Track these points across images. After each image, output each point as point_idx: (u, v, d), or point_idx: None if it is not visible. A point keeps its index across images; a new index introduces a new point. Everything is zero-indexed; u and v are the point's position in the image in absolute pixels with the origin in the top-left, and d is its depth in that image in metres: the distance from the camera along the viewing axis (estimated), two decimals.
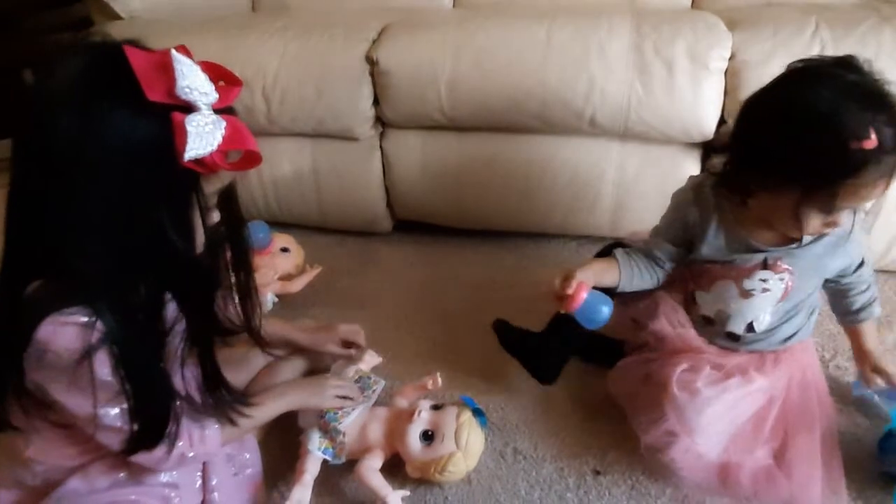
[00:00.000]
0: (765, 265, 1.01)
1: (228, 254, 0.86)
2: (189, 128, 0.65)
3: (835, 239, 0.99)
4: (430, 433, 1.02)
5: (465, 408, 1.06)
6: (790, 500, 0.96)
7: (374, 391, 1.11)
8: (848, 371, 1.22)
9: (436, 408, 1.06)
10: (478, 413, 1.06)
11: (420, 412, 1.04)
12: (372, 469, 1.02)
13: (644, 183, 1.52)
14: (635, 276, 1.08)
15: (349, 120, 1.58)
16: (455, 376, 1.25)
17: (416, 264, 1.67)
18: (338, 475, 1.06)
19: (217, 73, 0.69)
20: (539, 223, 1.66)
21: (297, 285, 1.50)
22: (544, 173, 1.56)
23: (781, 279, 1.01)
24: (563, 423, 1.15)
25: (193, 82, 0.65)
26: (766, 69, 1.32)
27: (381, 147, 1.65)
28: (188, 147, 0.64)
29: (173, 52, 0.64)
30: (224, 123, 0.68)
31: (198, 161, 0.66)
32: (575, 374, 1.23)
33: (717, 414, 1.00)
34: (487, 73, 1.45)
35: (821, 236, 0.98)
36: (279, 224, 1.72)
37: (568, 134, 1.51)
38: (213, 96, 0.67)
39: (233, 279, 0.88)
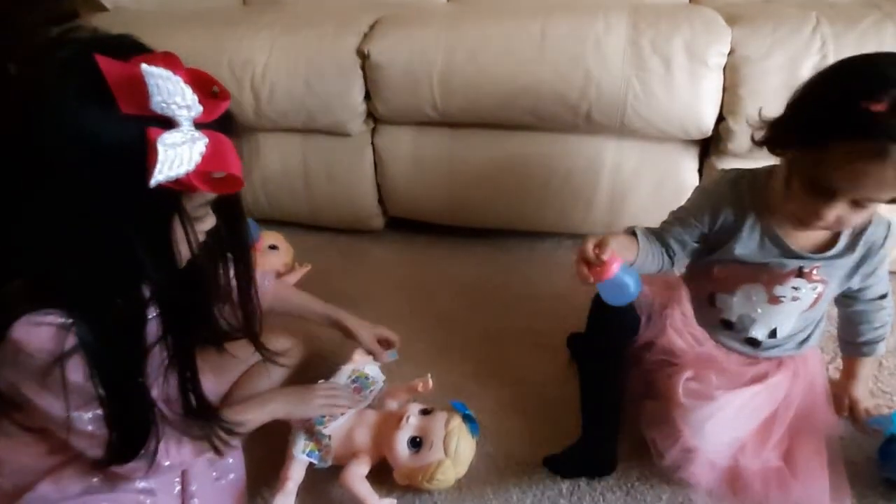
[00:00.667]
0: (800, 273, 0.96)
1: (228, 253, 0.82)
2: (160, 146, 0.59)
3: (865, 250, 0.95)
4: (418, 440, 0.99)
5: (454, 414, 1.03)
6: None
7: (371, 391, 1.09)
8: None
9: (425, 412, 1.04)
10: (469, 419, 1.02)
11: (408, 417, 1.01)
12: (358, 476, 0.98)
13: (641, 181, 1.49)
14: (647, 260, 0.99)
15: (340, 115, 1.54)
16: (447, 378, 1.22)
17: (408, 263, 1.64)
18: (324, 479, 1.03)
19: (207, 83, 0.64)
20: (533, 222, 1.63)
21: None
22: (538, 171, 1.53)
23: (814, 289, 0.97)
24: (557, 428, 1.11)
25: (170, 97, 0.59)
26: (765, 65, 1.30)
27: (372, 143, 1.61)
28: (156, 169, 0.59)
29: (143, 66, 0.58)
30: (205, 141, 0.62)
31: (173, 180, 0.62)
32: (570, 377, 1.20)
33: (728, 418, 0.97)
34: (481, 68, 1.42)
35: (853, 246, 0.94)
36: (268, 221, 1.69)
37: (563, 131, 1.48)
38: (196, 110, 0.62)
39: (233, 283, 0.84)
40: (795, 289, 0.97)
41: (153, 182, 0.59)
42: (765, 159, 0.97)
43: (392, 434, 1.00)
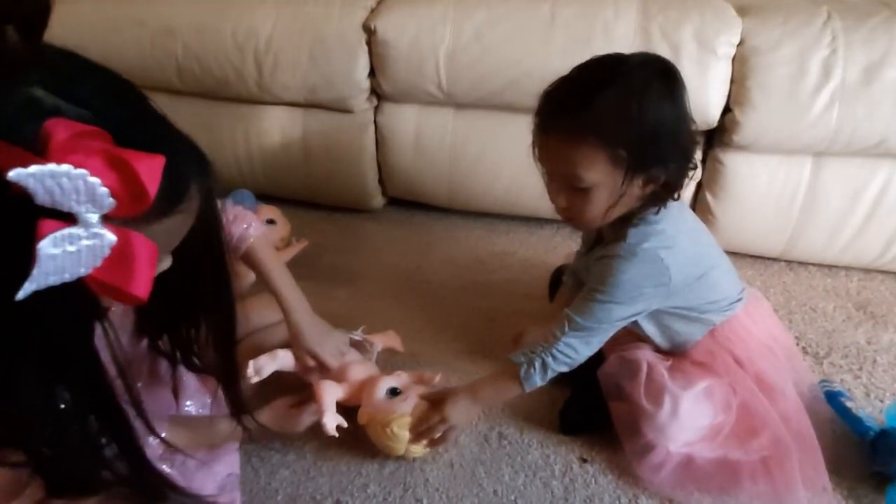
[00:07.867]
0: None
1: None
2: (42, 251, 0.44)
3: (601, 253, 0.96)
4: (397, 391, 1.02)
5: None
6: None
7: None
8: (842, 369, 1.19)
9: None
10: None
11: (400, 374, 1.05)
12: (330, 386, 1.01)
13: None
14: None
15: (343, 90, 1.53)
16: (440, 356, 1.22)
17: (406, 243, 1.63)
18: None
19: (132, 171, 0.46)
20: (532, 207, 1.62)
21: (281, 258, 1.45)
22: None
23: None
24: (551, 410, 1.11)
25: (62, 196, 0.44)
26: (774, 56, 1.30)
27: (375, 121, 1.60)
28: (28, 280, 0.45)
29: (13, 173, 0.42)
30: (110, 243, 0.48)
31: None
32: None
33: (689, 414, 0.97)
34: (488, 48, 1.41)
35: (602, 250, 0.96)
36: (265, 196, 1.67)
37: None
38: (105, 205, 0.46)
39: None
40: None
41: (21, 295, 0.45)
42: (766, 157, 0.97)
43: (378, 380, 1.03)
